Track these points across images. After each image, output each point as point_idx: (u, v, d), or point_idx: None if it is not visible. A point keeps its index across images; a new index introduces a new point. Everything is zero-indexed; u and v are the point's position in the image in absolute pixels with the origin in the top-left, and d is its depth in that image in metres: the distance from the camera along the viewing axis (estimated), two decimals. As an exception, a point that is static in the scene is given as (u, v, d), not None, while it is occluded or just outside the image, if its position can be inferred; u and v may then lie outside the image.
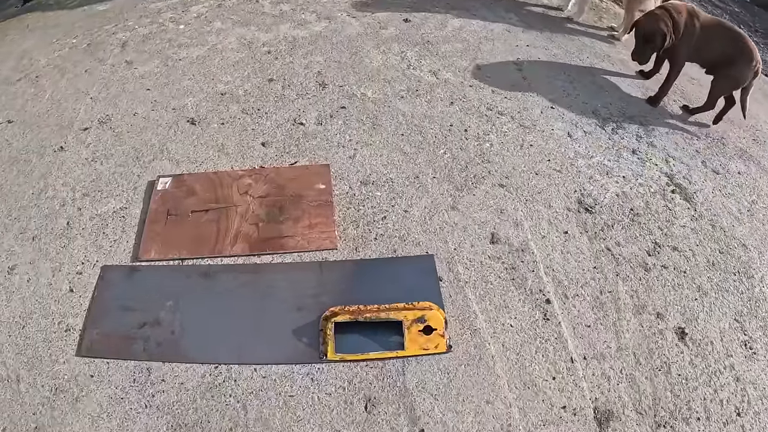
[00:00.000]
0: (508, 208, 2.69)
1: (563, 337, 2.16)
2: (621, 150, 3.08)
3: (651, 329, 2.20)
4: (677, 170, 2.96)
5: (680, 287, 2.37)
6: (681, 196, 2.80)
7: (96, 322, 2.17)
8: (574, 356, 2.11)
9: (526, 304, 2.28)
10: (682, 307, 2.30)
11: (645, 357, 2.11)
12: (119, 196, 2.69)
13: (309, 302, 2.22)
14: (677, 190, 2.83)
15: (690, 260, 2.49)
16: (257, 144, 2.98)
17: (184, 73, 3.58)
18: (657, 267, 2.44)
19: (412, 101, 3.36)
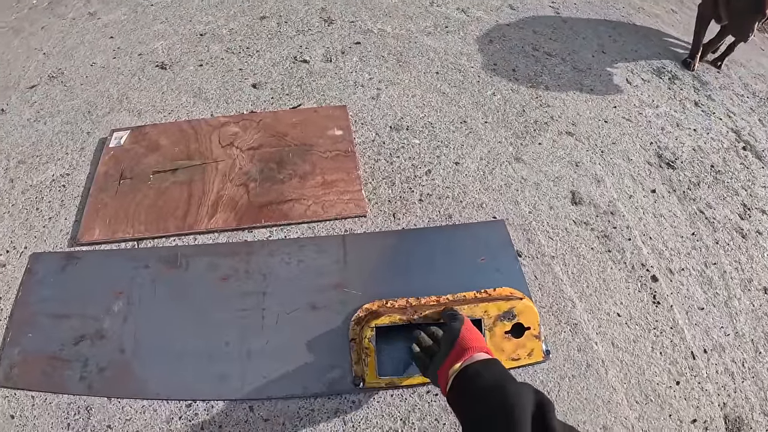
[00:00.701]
0: (583, 160, 2.04)
1: (679, 325, 1.59)
2: (684, 101, 2.51)
3: (762, 308, 1.70)
4: (741, 126, 2.45)
5: None
6: (753, 153, 2.30)
7: (18, 337, 1.37)
8: (694, 350, 1.56)
9: (630, 283, 1.66)
10: None
11: (763, 344, 1.62)
12: (61, 160, 1.86)
13: (329, 297, 1.38)
14: (747, 147, 2.33)
15: None
16: (246, 86, 2.14)
17: (155, 17, 2.73)
18: (752, 233, 1.93)
19: (442, 37, 2.59)
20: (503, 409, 0.68)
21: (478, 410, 0.73)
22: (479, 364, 0.83)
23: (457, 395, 0.79)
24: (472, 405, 0.75)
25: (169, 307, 1.37)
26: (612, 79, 2.53)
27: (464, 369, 0.81)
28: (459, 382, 0.80)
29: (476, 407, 0.73)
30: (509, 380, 0.76)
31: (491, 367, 0.82)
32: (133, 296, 1.40)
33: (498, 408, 0.69)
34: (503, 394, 0.71)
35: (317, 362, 1.28)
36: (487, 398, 0.73)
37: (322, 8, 2.75)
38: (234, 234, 1.56)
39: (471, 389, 0.77)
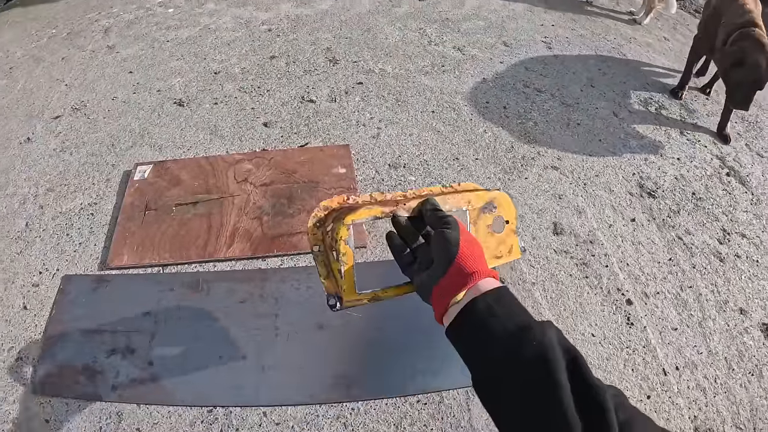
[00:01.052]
0: (566, 193, 2.24)
1: (651, 344, 1.75)
2: (669, 131, 2.71)
3: (737, 328, 1.86)
4: (726, 152, 2.64)
5: (756, 278, 2.03)
6: (736, 179, 2.48)
7: (53, 350, 1.57)
8: (666, 367, 1.71)
9: (605, 306, 1.84)
10: (762, 300, 1.96)
11: (736, 361, 1.76)
12: (89, 190, 2.09)
13: (333, 318, 1.60)
14: (731, 173, 2.50)
15: (759, 248, 2.16)
16: (258, 124, 2.39)
17: (171, 54, 3.00)
18: (730, 257, 2.09)
19: (439, 77, 2.83)
20: (535, 365, 0.56)
21: (497, 360, 0.61)
22: (490, 296, 0.67)
23: (464, 335, 0.66)
24: (488, 352, 0.62)
25: (192, 326, 1.59)
26: (599, 113, 2.73)
27: (472, 303, 0.66)
28: (466, 319, 0.66)
29: (494, 355, 0.61)
30: (531, 321, 0.63)
31: (505, 302, 0.67)
32: (160, 315, 1.62)
33: (527, 363, 0.57)
34: (530, 343, 0.58)
35: (322, 374, 1.50)
36: (509, 347, 0.60)
37: (327, 48, 3.01)
38: (249, 262, 1.78)
39: (484, 332, 0.63)
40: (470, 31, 3.33)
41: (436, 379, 1.50)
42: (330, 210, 0.88)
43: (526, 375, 0.57)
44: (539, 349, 0.58)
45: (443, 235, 0.74)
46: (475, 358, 0.65)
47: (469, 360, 0.66)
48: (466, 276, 0.70)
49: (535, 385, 0.56)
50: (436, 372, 1.51)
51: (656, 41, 3.59)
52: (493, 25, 3.44)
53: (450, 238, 0.73)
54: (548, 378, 0.55)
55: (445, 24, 3.39)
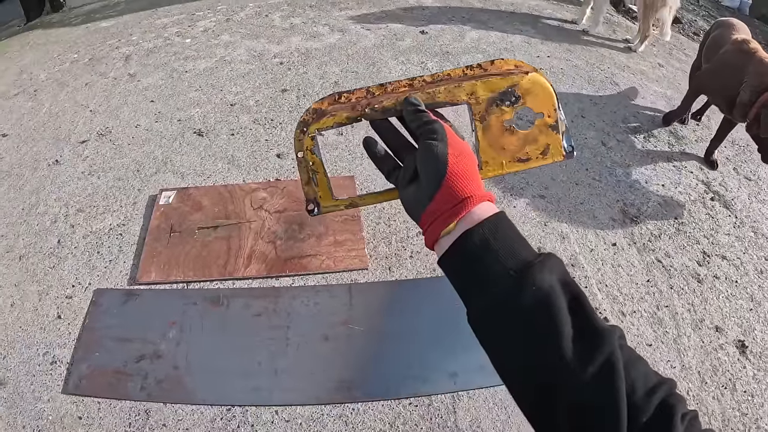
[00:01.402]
0: (551, 220, 2.47)
1: None
2: (656, 158, 2.94)
3: (712, 344, 2.02)
4: (712, 177, 2.85)
5: (734, 298, 2.20)
6: (720, 203, 2.67)
7: (86, 355, 1.81)
8: None
9: None
10: (738, 318, 2.12)
11: (710, 375, 1.91)
12: (117, 212, 2.35)
13: (338, 331, 1.86)
14: (716, 197, 2.70)
15: (739, 269, 2.32)
16: (272, 155, 2.66)
17: (190, 84, 3.28)
18: (709, 278, 2.26)
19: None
20: (535, 311, 0.54)
21: (495, 301, 0.57)
22: (486, 226, 0.60)
23: (459, 269, 0.62)
24: (485, 292, 0.58)
25: (213, 335, 1.84)
26: (587, 143, 2.96)
27: (466, 235, 0.60)
28: (459, 252, 0.61)
29: (492, 296, 0.57)
30: (530, 257, 0.58)
31: (502, 234, 0.61)
32: (185, 326, 1.87)
33: (527, 308, 0.54)
34: (530, 287, 0.55)
35: (327, 379, 1.74)
36: (507, 289, 0.56)
37: (335, 82, 3.30)
38: (264, 281, 2.04)
39: (481, 269, 0.59)
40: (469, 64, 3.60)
41: (425, 385, 1.75)
42: (316, 111, 0.78)
43: (526, 319, 0.54)
44: (539, 294, 0.54)
45: (428, 149, 0.65)
46: (471, 295, 0.61)
47: (464, 296, 0.62)
48: (457, 202, 0.62)
49: (536, 331, 0.54)
50: (426, 379, 1.76)
51: (650, 68, 3.85)
52: (491, 57, 3.71)
53: (437, 153, 0.64)
54: (550, 323, 0.53)
55: (446, 57, 3.68)
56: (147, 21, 4.28)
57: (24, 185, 2.54)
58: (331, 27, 4.05)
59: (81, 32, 4.25)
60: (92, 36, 4.12)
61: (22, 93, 3.37)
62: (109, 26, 4.27)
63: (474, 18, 4.34)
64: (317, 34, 3.93)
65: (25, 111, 3.15)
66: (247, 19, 4.19)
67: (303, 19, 4.19)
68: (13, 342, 1.87)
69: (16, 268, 2.13)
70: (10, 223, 2.34)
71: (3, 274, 2.11)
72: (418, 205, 0.65)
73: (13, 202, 2.45)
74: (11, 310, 1.98)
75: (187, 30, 4.05)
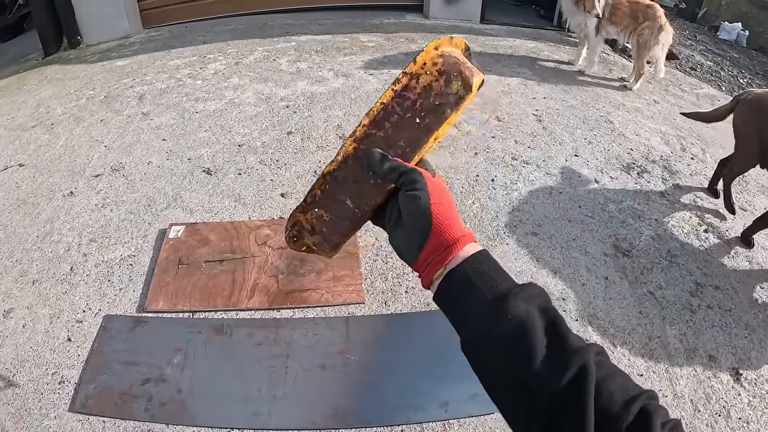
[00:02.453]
0: (543, 256, 2.61)
1: None
2: (649, 193, 3.09)
3: (705, 373, 2.08)
4: (706, 210, 2.98)
5: (728, 326, 2.28)
6: (714, 235, 2.80)
7: (94, 376, 1.97)
8: None
9: None
10: (733, 347, 2.20)
11: (703, 403, 1.98)
12: (128, 244, 2.54)
13: (335, 361, 2.03)
14: (710, 229, 2.83)
15: (733, 298, 2.41)
16: (276, 195, 2.87)
17: (200, 125, 3.52)
18: (702, 308, 2.35)
19: (435, 153, 3.30)
20: (511, 338, 0.59)
21: (477, 332, 0.63)
22: (468, 265, 0.66)
23: (447, 305, 0.67)
24: (468, 324, 0.64)
25: (216, 362, 2.01)
26: (581, 180, 3.13)
27: (452, 274, 0.65)
28: (446, 289, 0.66)
29: (475, 327, 0.63)
30: (507, 290, 0.63)
31: (482, 270, 0.66)
32: (189, 352, 2.03)
33: (504, 337, 0.59)
34: (506, 317, 0.60)
35: (323, 406, 1.90)
36: (487, 321, 0.62)
37: (338, 125, 3.53)
38: (266, 312, 2.21)
39: (464, 305, 0.65)
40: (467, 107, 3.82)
41: (418, 413, 1.90)
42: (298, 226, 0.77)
43: (505, 344, 0.59)
44: (514, 322, 0.59)
45: (410, 201, 0.68)
46: (460, 327, 0.66)
47: (456, 327, 0.67)
48: (444, 249, 0.67)
49: (512, 356, 0.59)
50: (418, 407, 1.91)
51: (646, 105, 4.08)
52: (489, 100, 3.97)
53: (419, 205, 0.67)
54: (525, 347, 0.58)
55: (445, 101, 3.91)
56: (160, 62, 4.57)
57: (39, 214, 2.74)
58: (335, 72, 4.34)
59: (97, 69, 4.52)
60: (108, 74, 4.39)
61: (40, 125, 3.61)
62: (124, 65, 4.55)
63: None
64: (322, 79, 4.21)
65: (42, 143, 3.39)
66: (255, 63, 4.49)
67: (309, 64, 4.49)
68: (24, 361, 2.02)
69: (29, 292, 2.30)
70: (24, 249, 2.52)
71: (16, 296, 2.29)
72: (410, 254, 0.69)
73: (28, 229, 2.65)
74: (23, 331, 2.14)
75: (199, 72, 4.33)
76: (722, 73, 5.39)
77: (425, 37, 5.26)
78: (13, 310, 2.22)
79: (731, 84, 5.17)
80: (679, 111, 3.65)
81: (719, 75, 5.33)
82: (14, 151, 3.34)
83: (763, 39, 6.87)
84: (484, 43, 5.24)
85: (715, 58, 5.76)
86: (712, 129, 3.79)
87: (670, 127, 3.74)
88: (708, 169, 3.32)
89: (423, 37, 5.26)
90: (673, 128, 3.73)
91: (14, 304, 2.25)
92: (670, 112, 4.06)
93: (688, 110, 3.54)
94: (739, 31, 6.79)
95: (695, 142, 3.66)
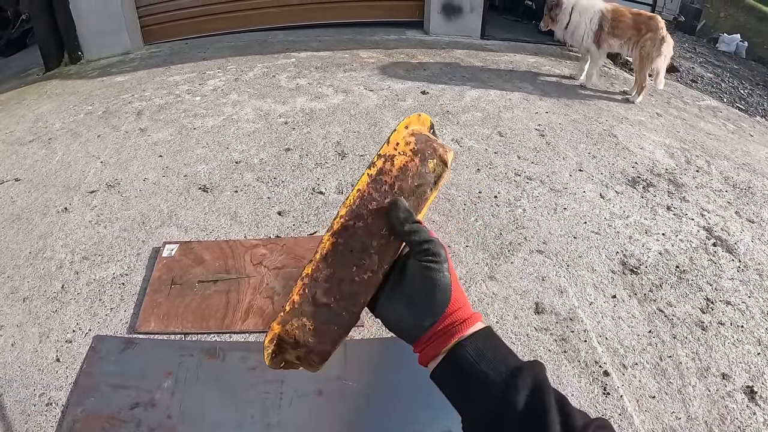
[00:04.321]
0: (549, 274, 2.53)
1: (627, 412, 1.91)
2: (655, 207, 3.03)
3: (719, 392, 2.01)
4: (714, 223, 2.93)
5: (740, 343, 2.22)
6: (723, 248, 2.73)
7: (82, 399, 1.90)
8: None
9: (582, 378, 2.03)
10: (746, 364, 2.13)
11: (717, 424, 1.90)
12: (121, 262, 2.49)
13: (332, 386, 1.95)
14: (718, 242, 2.77)
15: (745, 313, 2.35)
16: (273, 213, 2.82)
17: (198, 141, 3.49)
18: (713, 324, 2.29)
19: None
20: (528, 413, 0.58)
21: (490, 407, 0.60)
22: (478, 338, 0.64)
23: (453, 380, 0.64)
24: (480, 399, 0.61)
25: (208, 387, 1.94)
26: (586, 196, 3.07)
27: (459, 348, 0.62)
28: (453, 364, 0.63)
29: (487, 402, 0.60)
30: (520, 364, 0.62)
31: (492, 345, 0.64)
32: (180, 376, 1.96)
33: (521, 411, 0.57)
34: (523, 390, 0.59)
35: (317, 435, 1.83)
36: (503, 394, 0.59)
37: (337, 142, 3.49)
38: (261, 335, 2.14)
39: (475, 379, 0.62)
40: (468, 122, 3.83)
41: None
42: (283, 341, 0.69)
43: (523, 422, 0.57)
44: (531, 397, 0.58)
45: (429, 276, 0.63)
46: (466, 403, 0.63)
47: (459, 404, 0.64)
48: (457, 327, 0.64)
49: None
50: (413, 436, 1.85)
51: (648, 118, 4.05)
52: (490, 115, 3.94)
53: (439, 283, 0.63)
54: (544, 427, 0.56)
55: (446, 117, 3.89)
56: (160, 78, 4.56)
57: (33, 230, 2.70)
58: (335, 88, 4.32)
59: (97, 85, 4.51)
60: (107, 89, 4.38)
61: (37, 140, 3.59)
62: (124, 81, 4.54)
63: (474, 77, 4.65)
64: (322, 95, 4.19)
65: (39, 158, 3.36)
66: (255, 80, 4.47)
67: (308, 80, 4.47)
68: (11, 381, 1.96)
69: (19, 309, 2.25)
70: (16, 266, 2.47)
71: (6, 314, 2.23)
72: (415, 329, 0.65)
73: (21, 245, 2.60)
74: (12, 349, 2.08)
75: (198, 88, 4.31)
76: (723, 84, 5.40)
77: (425, 53, 5.27)
78: (2, 327, 2.17)
79: (732, 95, 5.17)
80: (684, 123, 3.62)
81: (720, 87, 5.33)
82: (11, 165, 3.31)
83: (762, 49, 6.90)
84: (485, 58, 5.24)
85: (715, 70, 5.78)
86: (716, 140, 3.79)
87: (674, 140, 3.71)
88: (714, 181, 3.29)
89: (423, 53, 5.26)
90: (677, 141, 3.71)
91: (4, 321, 2.20)
92: (673, 124, 4.04)
93: (690, 122, 3.54)
94: (738, 43, 6.83)
95: (700, 155, 3.62)
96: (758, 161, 3.59)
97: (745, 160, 3.64)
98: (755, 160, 3.62)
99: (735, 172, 3.42)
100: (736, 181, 3.29)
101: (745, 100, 5.14)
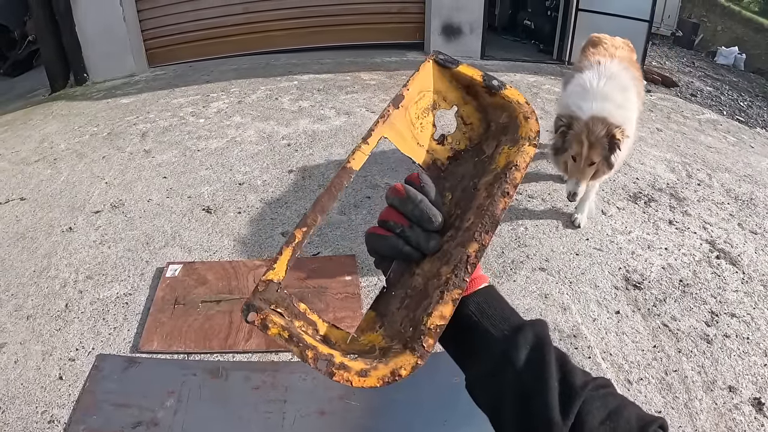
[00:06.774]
0: (552, 292, 2.53)
1: None
2: (657, 222, 3.04)
3: (726, 405, 2.00)
4: (717, 235, 2.92)
5: (747, 355, 2.21)
6: (726, 260, 2.73)
7: (84, 417, 1.91)
8: None
9: None
10: (753, 375, 2.12)
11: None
12: (124, 282, 2.52)
13: (335, 406, 1.96)
14: (721, 255, 2.77)
15: (750, 325, 2.35)
16: (276, 234, 2.86)
17: (201, 163, 3.54)
18: (719, 337, 2.28)
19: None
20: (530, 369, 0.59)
21: (492, 363, 0.61)
22: (480, 296, 0.66)
23: (456, 337, 0.65)
24: (483, 355, 0.63)
25: (211, 406, 1.96)
26: (588, 212, 3.03)
27: (462, 304, 0.62)
28: (456, 320, 0.61)
29: (490, 358, 0.61)
30: (522, 322, 0.64)
31: (494, 302, 0.66)
32: (183, 395, 1.98)
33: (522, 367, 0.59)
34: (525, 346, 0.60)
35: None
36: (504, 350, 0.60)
37: (340, 163, 3.52)
38: (264, 355, 2.17)
39: (478, 334, 0.63)
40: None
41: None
42: None
43: (522, 378, 0.59)
44: (532, 354, 0.60)
45: None
46: (469, 359, 0.65)
47: (461, 361, 0.66)
48: None
49: (529, 389, 0.59)
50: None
51: (649, 134, 4.07)
52: None
53: None
54: (542, 383, 0.58)
55: (445, 137, 3.93)
56: (164, 100, 4.64)
57: (37, 249, 2.73)
58: (337, 110, 4.39)
59: (102, 106, 4.59)
60: (112, 111, 4.45)
61: (42, 160, 3.65)
62: (129, 103, 4.62)
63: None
64: (324, 117, 4.25)
65: (44, 178, 3.41)
66: (258, 102, 4.55)
67: (311, 102, 4.55)
68: (14, 398, 1.98)
69: (22, 327, 2.27)
70: (21, 284, 2.51)
71: (10, 331, 2.26)
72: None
73: (25, 263, 2.64)
74: (14, 366, 2.10)
75: (202, 110, 4.39)
76: (722, 97, 5.45)
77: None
78: (6, 344, 2.19)
79: (732, 108, 5.22)
80: (684, 137, 3.64)
81: (720, 99, 5.38)
82: (16, 184, 3.36)
83: (760, 61, 6.99)
84: (485, 79, 5.28)
85: (714, 83, 5.85)
86: (717, 153, 3.82)
87: (674, 154, 3.74)
88: (715, 193, 3.31)
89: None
90: (678, 155, 3.74)
91: (7, 338, 2.22)
92: (673, 139, 4.07)
93: (691, 136, 3.56)
94: (736, 55, 6.89)
95: (701, 168, 3.65)
96: (760, 172, 3.62)
97: (746, 171, 3.66)
98: (757, 172, 3.65)
99: (737, 184, 3.44)
100: (738, 193, 3.30)
101: (745, 112, 5.19)
